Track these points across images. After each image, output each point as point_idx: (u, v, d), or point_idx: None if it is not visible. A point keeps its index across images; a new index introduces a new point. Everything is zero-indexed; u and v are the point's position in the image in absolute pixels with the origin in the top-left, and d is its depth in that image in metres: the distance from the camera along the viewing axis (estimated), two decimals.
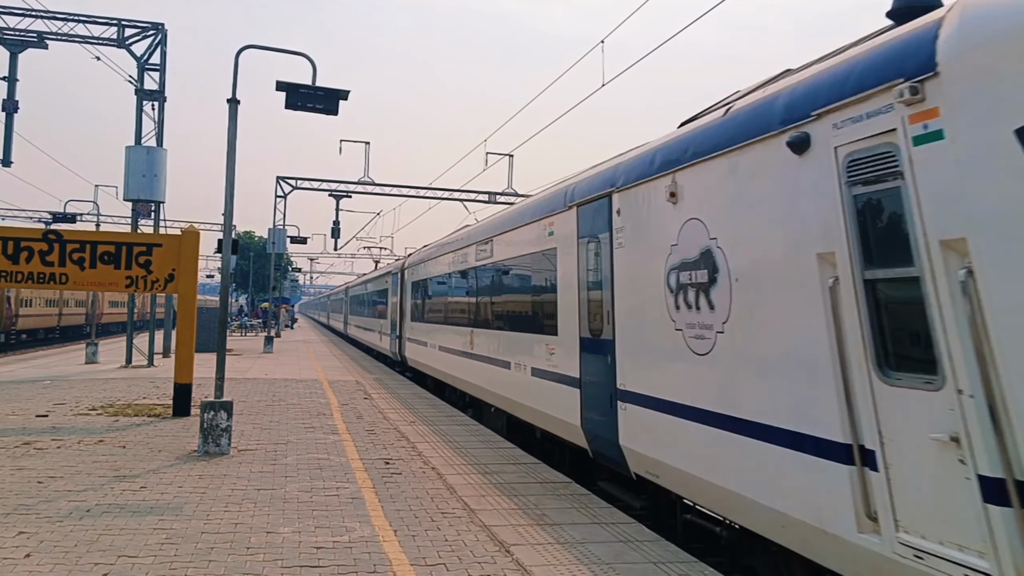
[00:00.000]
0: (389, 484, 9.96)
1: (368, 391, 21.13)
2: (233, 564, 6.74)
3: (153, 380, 22.44)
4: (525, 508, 8.87)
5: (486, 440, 13.55)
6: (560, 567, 6.83)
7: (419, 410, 17.42)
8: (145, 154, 26.72)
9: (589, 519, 8.43)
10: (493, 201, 43.88)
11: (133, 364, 27.44)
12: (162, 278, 15.84)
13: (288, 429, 14.09)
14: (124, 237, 16.56)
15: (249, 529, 7.82)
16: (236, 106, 12.69)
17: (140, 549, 7.11)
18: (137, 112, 28.15)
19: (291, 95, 12.59)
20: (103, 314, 63.04)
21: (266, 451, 11.99)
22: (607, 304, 9.70)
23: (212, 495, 9.19)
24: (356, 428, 14.49)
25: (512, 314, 14.11)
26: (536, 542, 7.57)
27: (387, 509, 8.71)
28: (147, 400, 17.74)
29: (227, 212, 12.82)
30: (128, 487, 9.51)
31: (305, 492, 9.41)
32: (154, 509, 8.50)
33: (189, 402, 15.68)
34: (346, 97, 12.84)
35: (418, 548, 7.32)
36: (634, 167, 9.19)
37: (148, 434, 13.31)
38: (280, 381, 23.23)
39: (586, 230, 10.55)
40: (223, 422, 11.74)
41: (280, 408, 16.97)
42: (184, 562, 6.77)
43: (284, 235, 46.86)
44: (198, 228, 16.91)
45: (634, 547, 7.43)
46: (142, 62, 28.24)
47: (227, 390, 12.92)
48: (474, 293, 17.10)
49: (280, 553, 7.07)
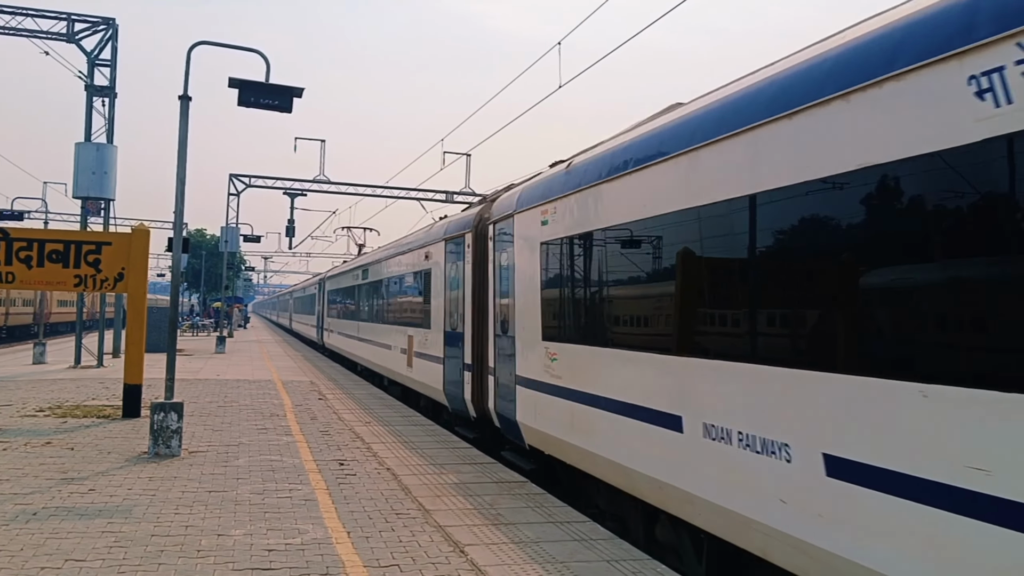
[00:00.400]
0: (343, 485, 9.90)
1: (323, 392, 20.97)
2: (183, 567, 6.65)
3: (102, 381, 22.05)
4: (480, 508, 8.87)
5: (442, 440, 13.52)
6: (515, 566, 6.84)
7: (375, 411, 17.33)
8: (95, 151, 26.24)
9: (544, 518, 8.45)
10: (451, 200, 43.76)
11: (82, 365, 26.95)
12: (111, 277, 15.56)
13: (240, 431, 13.93)
14: (73, 235, 16.23)
15: (200, 531, 7.72)
16: (188, 103, 12.51)
17: (88, 552, 6.98)
18: (87, 108, 27.62)
19: (244, 92, 12.44)
20: (51, 313, 61.74)
21: (218, 453, 11.84)
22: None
23: (162, 497, 9.05)
24: (310, 429, 14.37)
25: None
26: (491, 542, 7.57)
27: (341, 510, 8.65)
28: (96, 401, 17.42)
29: (177, 210, 12.64)
30: (76, 489, 9.33)
31: (257, 494, 9.31)
32: (103, 512, 8.35)
33: (139, 403, 15.43)
34: (300, 94, 12.72)
35: (372, 549, 7.29)
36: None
37: (97, 436, 13.08)
38: (232, 382, 22.96)
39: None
40: (173, 423, 11.57)
41: (232, 409, 16.77)
42: (133, 565, 6.66)
43: (237, 233, 46.30)
44: (149, 226, 16.65)
45: (588, 546, 7.47)
46: (92, 57, 27.70)
47: (178, 391, 12.73)
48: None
49: (231, 556, 6.99)
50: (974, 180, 4.38)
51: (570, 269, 9.85)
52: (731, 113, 6.67)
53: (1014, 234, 4.12)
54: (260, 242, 51.08)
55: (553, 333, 10.32)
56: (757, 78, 6.62)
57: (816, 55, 5.83)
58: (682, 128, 7.49)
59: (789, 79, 5.99)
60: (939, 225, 4.64)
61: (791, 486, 5.66)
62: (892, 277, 4.98)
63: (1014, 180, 4.11)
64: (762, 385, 6.06)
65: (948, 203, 4.56)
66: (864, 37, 5.34)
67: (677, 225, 7.40)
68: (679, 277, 7.34)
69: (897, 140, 4.85)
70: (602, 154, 9.30)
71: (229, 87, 12.48)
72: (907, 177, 4.82)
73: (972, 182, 4.39)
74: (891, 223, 4.98)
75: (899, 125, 4.85)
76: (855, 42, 5.41)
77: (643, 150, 8.19)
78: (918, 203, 4.78)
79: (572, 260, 9.80)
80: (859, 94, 5.17)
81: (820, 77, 5.57)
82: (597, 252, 9.07)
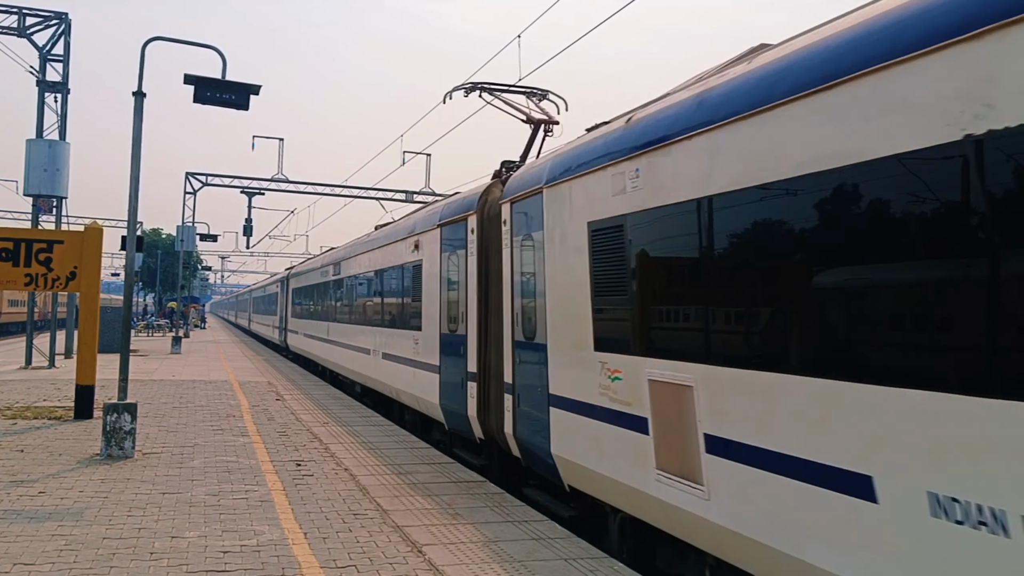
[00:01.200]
0: (300, 486, 9.81)
1: (281, 392, 20.78)
2: (136, 570, 6.55)
3: (54, 382, 21.64)
4: (438, 508, 8.85)
5: (400, 440, 13.46)
6: (473, 566, 6.84)
7: (333, 411, 17.21)
8: (47, 148, 25.81)
9: (502, 517, 8.45)
10: (410, 200, 43.58)
11: (33, 365, 26.41)
12: (63, 276, 15.27)
13: (196, 432, 13.75)
14: (23, 233, 15.90)
15: (153, 534, 7.61)
16: (142, 99, 12.34)
17: (37, 556, 6.85)
18: (39, 104, 27.08)
19: (200, 88, 12.30)
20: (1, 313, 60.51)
21: (172, 454, 11.68)
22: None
23: (115, 499, 8.91)
24: (267, 430, 14.23)
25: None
26: (449, 541, 7.55)
27: (297, 511, 8.57)
28: (47, 402, 17.09)
29: (131, 208, 12.45)
30: (26, 492, 9.14)
31: (212, 495, 9.20)
32: (53, 515, 8.19)
33: (92, 404, 15.16)
34: (257, 92, 12.61)
35: (329, 550, 7.23)
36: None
37: (48, 437, 12.83)
38: (188, 383, 22.67)
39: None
40: (127, 424, 11.39)
41: (188, 410, 16.55)
42: (84, 568, 6.55)
43: (193, 232, 45.69)
44: (102, 224, 16.36)
45: (546, 544, 7.48)
46: (44, 52, 27.19)
47: (132, 392, 12.56)
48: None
49: (185, 558, 6.90)
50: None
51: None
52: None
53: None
54: (217, 241, 50.47)
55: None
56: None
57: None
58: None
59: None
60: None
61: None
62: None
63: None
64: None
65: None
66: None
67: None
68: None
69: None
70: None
71: (185, 84, 12.34)
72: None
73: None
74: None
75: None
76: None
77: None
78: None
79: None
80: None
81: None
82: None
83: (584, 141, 8.73)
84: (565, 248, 8.68)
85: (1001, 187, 3.96)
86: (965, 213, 4.15)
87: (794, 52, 5.64)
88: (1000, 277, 3.95)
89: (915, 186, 4.44)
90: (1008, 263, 3.93)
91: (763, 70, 5.90)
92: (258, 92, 12.60)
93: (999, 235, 3.99)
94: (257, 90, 12.61)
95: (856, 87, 4.86)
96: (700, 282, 6.33)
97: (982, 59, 4.05)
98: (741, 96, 6.01)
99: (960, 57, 4.18)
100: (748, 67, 6.19)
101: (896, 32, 4.64)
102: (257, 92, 12.60)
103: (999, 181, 3.97)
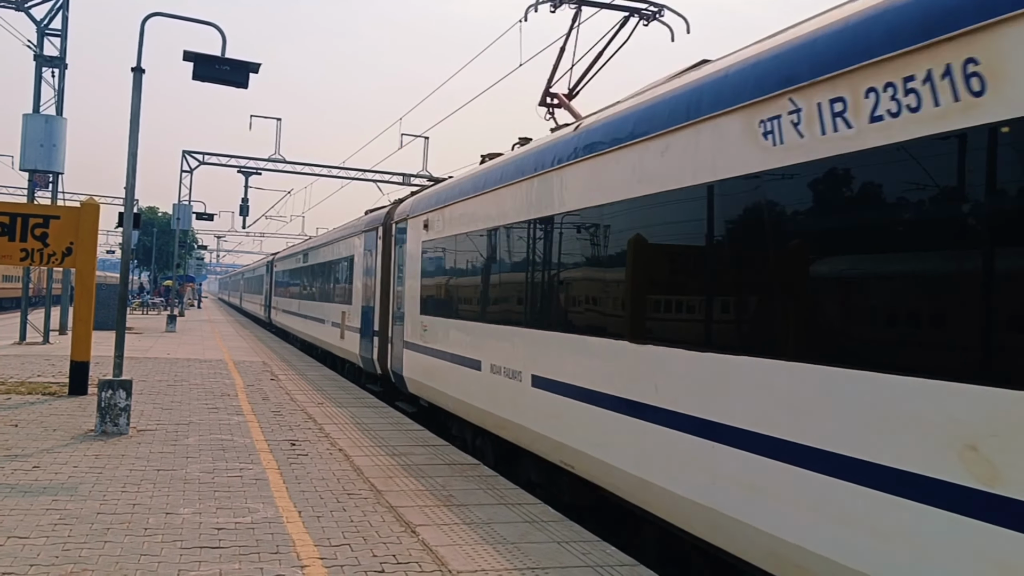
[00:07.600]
0: (295, 465, 9.84)
1: (275, 372, 20.80)
2: (130, 545, 6.57)
3: (48, 358, 21.64)
4: (432, 489, 8.88)
5: (395, 422, 13.50)
6: (466, 547, 6.87)
7: (328, 392, 17.24)
8: (44, 123, 25.64)
9: (496, 500, 8.49)
10: (407, 183, 43.44)
11: (27, 341, 26.41)
12: (59, 251, 15.21)
13: (191, 410, 13.77)
14: (19, 208, 15.85)
15: (147, 510, 7.63)
16: (141, 76, 12.28)
17: (31, 530, 6.86)
18: (36, 79, 26.92)
19: (199, 66, 12.24)
20: None
21: (167, 431, 11.70)
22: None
23: (109, 475, 8.92)
24: (262, 409, 14.25)
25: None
26: (442, 522, 7.59)
27: (292, 490, 8.60)
28: (42, 378, 17.09)
29: (129, 185, 12.42)
30: (20, 467, 9.15)
31: (207, 473, 9.22)
32: (47, 489, 8.21)
33: (86, 381, 15.16)
34: (256, 70, 12.56)
35: (323, 529, 7.26)
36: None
37: (42, 413, 12.84)
38: (183, 361, 22.68)
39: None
40: (122, 401, 11.40)
41: (182, 388, 16.57)
42: (78, 543, 6.57)
43: (190, 211, 45.63)
44: (99, 201, 16.32)
45: (539, 527, 7.52)
46: (42, 27, 27.01)
47: (127, 370, 12.55)
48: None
49: (179, 534, 6.92)
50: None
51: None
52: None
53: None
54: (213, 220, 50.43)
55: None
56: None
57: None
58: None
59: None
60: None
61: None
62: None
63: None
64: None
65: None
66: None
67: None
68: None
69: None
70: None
71: (184, 60, 12.28)
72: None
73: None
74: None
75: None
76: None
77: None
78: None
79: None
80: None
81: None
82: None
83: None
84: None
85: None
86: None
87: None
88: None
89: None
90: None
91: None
92: (257, 70, 12.56)
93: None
94: (256, 68, 12.56)
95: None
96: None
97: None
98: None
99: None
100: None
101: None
102: (256, 70, 12.55)
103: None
